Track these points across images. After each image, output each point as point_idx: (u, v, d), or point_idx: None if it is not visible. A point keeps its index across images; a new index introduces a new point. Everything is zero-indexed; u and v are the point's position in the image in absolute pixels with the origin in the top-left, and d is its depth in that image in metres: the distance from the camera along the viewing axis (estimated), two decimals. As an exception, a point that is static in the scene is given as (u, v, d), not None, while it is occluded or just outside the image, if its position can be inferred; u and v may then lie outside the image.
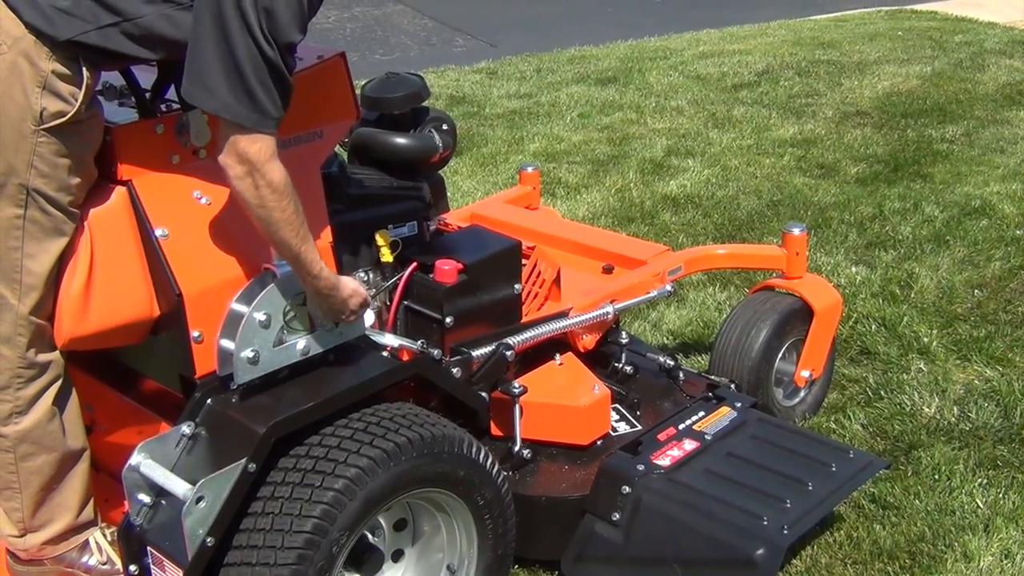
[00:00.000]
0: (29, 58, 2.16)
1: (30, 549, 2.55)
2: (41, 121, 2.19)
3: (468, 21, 10.92)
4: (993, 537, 3.08)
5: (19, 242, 2.27)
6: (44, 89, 2.18)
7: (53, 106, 2.19)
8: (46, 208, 2.26)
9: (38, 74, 2.17)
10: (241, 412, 2.37)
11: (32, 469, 2.46)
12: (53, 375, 2.43)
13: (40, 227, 2.27)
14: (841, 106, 7.27)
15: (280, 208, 2.24)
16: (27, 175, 2.22)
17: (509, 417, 2.92)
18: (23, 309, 2.32)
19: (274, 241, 2.31)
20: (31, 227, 2.27)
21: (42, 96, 2.18)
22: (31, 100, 2.17)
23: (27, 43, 2.16)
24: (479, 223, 3.44)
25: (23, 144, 2.20)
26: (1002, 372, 3.94)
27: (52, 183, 2.25)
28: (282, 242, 2.29)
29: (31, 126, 2.19)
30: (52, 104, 2.19)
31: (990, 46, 8.72)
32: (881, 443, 3.56)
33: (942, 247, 5.00)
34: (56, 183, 2.25)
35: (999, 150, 6.35)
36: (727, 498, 2.81)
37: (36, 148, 2.21)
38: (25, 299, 2.31)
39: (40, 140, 2.21)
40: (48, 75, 2.18)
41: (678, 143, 6.63)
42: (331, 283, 2.40)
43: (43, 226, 2.28)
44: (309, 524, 2.25)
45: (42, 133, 2.20)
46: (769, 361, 3.48)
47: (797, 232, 3.60)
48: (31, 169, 2.22)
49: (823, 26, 9.84)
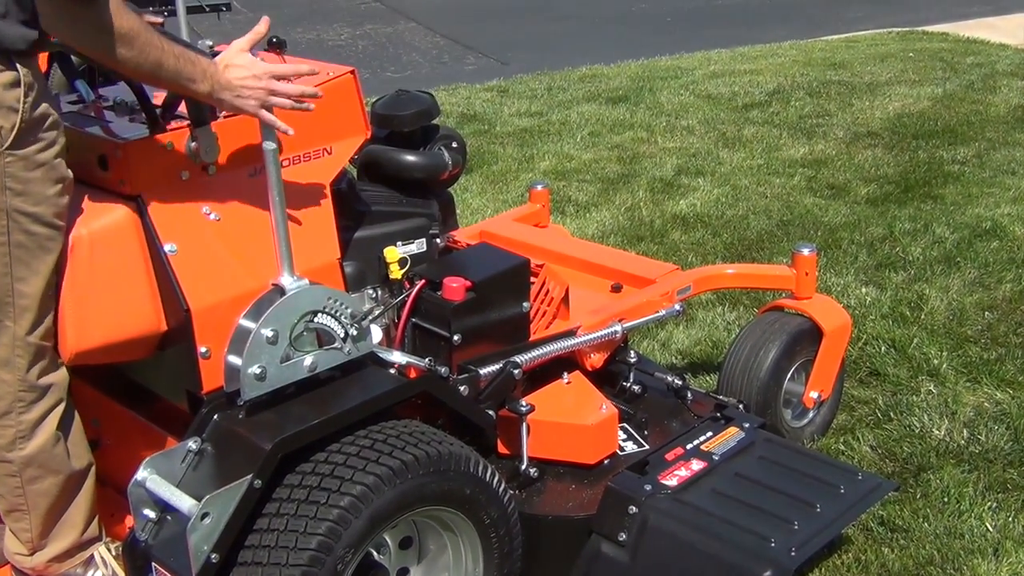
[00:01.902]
0: None
1: (37, 567, 2.54)
2: (2, 141, 2.16)
3: (480, 39, 10.96)
4: (1003, 561, 3.06)
5: (7, 268, 2.26)
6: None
7: (7, 121, 2.16)
8: (29, 228, 2.24)
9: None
10: (248, 428, 2.37)
11: (39, 492, 2.46)
12: (55, 398, 2.42)
13: (26, 249, 2.26)
14: (852, 127, 7.27)
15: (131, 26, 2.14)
16: (3, 198, 2.20)
17: (516, 435, 2.91)
18: (19, 331, 2.31)
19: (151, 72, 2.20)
20: (17, 251, 2.25)
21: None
22: None
23: None
24: (488, 241, 3.44)
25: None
26: (1012, 395, 3.92)
27: (29, 199, 2.23)
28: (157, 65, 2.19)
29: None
30: (5, 119, 2.16)
31: (1002, 68, 8.72)
32: (890, 465, 3.54)
33: (952, 269, 4.99)
34: (33, 198, 2.23)
35: (1010, 172, 6.34)
36: (734, 519, 2.79)
37: (5, 168, 2.18)
38: (20, 321, 2.30)
39: (7, 160, 2.18)
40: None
41: (688, 162, 6.63)
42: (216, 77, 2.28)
43: (28, 248, 2.26)
44: (314, 541, 2.24)
45: (7, 152, 2.17)
46: (778, 382, 3.47)
47: (807, 252, 3.59)
48: (5, 191, 2.20)
49: (834, 47, 9.85)
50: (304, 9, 13.10)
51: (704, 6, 12.42)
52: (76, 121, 2.56)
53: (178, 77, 2.25)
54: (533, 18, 12.16)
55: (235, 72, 2.33)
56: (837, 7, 12.11)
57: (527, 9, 12.66)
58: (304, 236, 2.58)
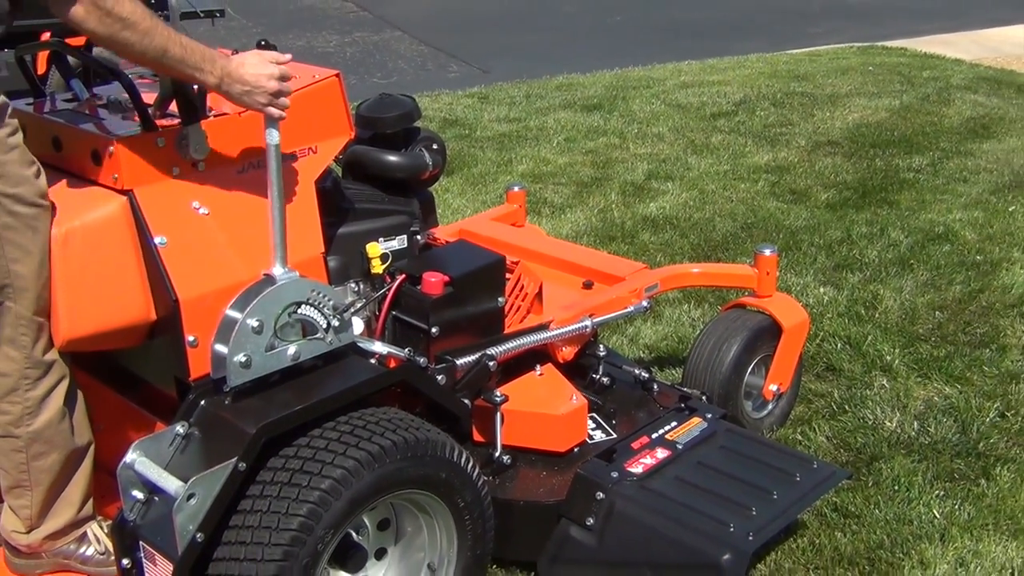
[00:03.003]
0: None
1: (33, 543, 2.53)
2: None
3: (462, 48, 10.95)
4: (949, 546, 3.08)
5: (1, 250, 2.25)
6: None
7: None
8: (13, 209, 2.24)
9: None
10: (233, 413, 2.36)
11: (43, 468, 2.45)
12: (59, 374, 2.41)
13: (15, 231, 2.25)
14: (813, 136, 7.30)
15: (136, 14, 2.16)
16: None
17: (491, 424, 2.91)
18: (21, 310, 2.30)
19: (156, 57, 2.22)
20: (7, 233, 2.25)
21: None
22: None
23: None
24: (467, 238, 3.43)
25: None
26: (960, 390, 3.95)
27: (8, 181, 2.23)
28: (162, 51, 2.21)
29: None
30: None
31: (956, 82, 8.77)
32: (844, 455, 3.56)
33: (906, 270, 5.02)
34: (11, 179, 2.23)
35: (962, 180, 6.38)
36: (696, 505, 2.80)
37: None
38: (21, 300, 2.30)
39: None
40: None
41: (658, 167, 6.65)
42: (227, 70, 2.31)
43: (17, 229, 2.25)
44: (296, 522, 2.24)
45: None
46: (739, 375, 3.48)
47: (768, 253, 3.61)
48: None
49: (798, 60, 9.89)
50: (295, 17, 13.05)
51: (675, 20, 12.44)
52: (71, 118, 2.56)
53: (183, 65, 2.26)
54: (513, 29, 12.16)
55: (250, 68, 2.34)
56: (801, 23, 12.16)
57: (508, 20, 12.65)
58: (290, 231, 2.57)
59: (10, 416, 2.38)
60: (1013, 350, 4.25)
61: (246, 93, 2.34)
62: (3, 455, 2.44)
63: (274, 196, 2.38)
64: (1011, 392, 3.93)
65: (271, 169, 2.37)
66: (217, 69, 2.31)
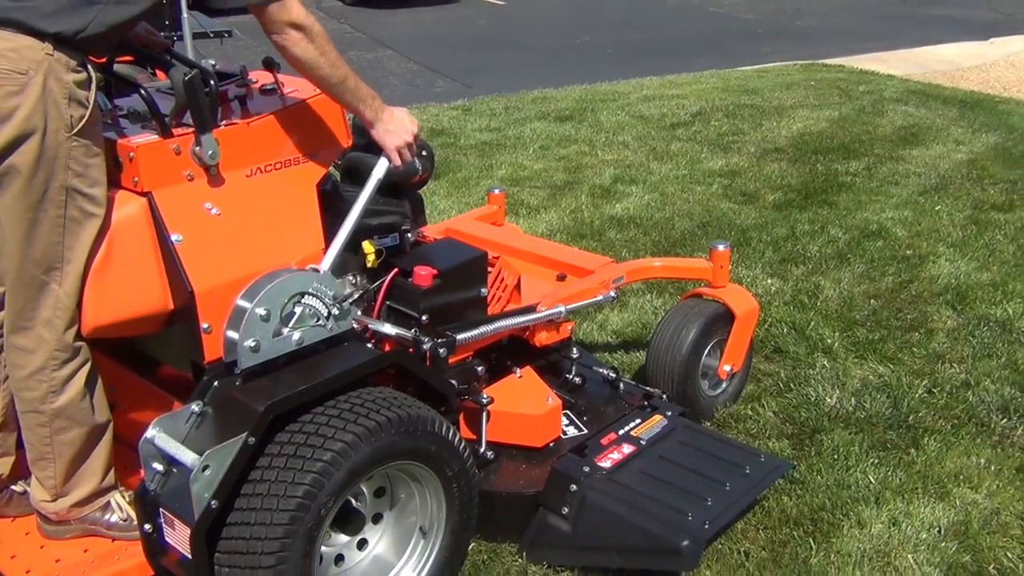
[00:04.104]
0: (56, 75, 2.15)
1: (60, 511, 2.52)
2: (71, 128, 2.18)
3: (447, 66, 10.91)
4: (883, 508, 3.11)
5: (60, 237, 2.25)
6: (70, 100, 2.17)
7: (77, 112, 2.19)
8: (82, 205, 2.25)
9: (64, 87, 2.16)
10: (243, 393, 2.36)
11: (65, 441, 2.43)
12: (84, 358, 2.40)
13: (77, 223, 2.26)
14: (762, 143, 7.32)
15: (331, 48, 2.42)
16: (65, 177, 2.21)
17: (476, 423, 2.93)
18: (62, 295, 2.29)
19: (337, 83, 2.48)
20: (70, 224, 2.25)
21: (69, 106, 2.17)
22: (63, 112, 2.16)
23: (49, 63, 2.14)
24: (452, 236, 3.43)
25: (61, 151, 2.19)
26: (893, 369, 3.99)
27: (86, 180, 2.24)
28: (343, 79, 2.48)
29: (65, 134, 2.18)
30: (76, 111, 2.19)
31: (889, 95, 8.82)
32: (790, 427, 3.59)
33: (844, 263, 5.05)
34: (89, 180, 2.25)
35: (894, 183, 6.42)
36: (658, 496, 2.82)
37: (71, 152, 2.20)
38: (64, 285, 2.29)
39: (73, 145, 2.20)
40: (71, 86, 2.17)
41: (623, 172, 6.65)
42: (385, 112, 2.61)
43: (79, 221, 2.26)
44: (300, 490, 2.24)
45: (73, 139, 2.19)
46: (697, 357, 3.50)
47: (722, 248, 3.62)
48: (67, 171, 2.21)
49: (748, 76, 9.92)
50: (296, 37, 12.97)
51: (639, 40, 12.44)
52: (95, 128, 2.53)
53: (355, 96, 2.54)
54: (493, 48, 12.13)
55: (399, 120, 2.67)
56: (751, 42, 12.18)
57: (488, 41, 12.62)
58: (294, 229, 2.57)
59: (36, 393, 2.37)
60: (939, 334, 4.28)
61: (390, 134, 2.63)
62: (29, 429, 2.43)
63: (357, 209, 2.62)
64: (937, 371, 3.96)
65: (367, 189, 2.66)
66: (377, 106, 2.61)
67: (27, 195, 2.19)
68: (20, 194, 2.19)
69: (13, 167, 2.16)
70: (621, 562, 2.78)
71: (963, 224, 5.61)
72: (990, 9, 14.39)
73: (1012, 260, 5.07)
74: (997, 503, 3.14)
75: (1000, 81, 9.69)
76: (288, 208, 2.57)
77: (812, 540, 2.96)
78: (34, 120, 2.14)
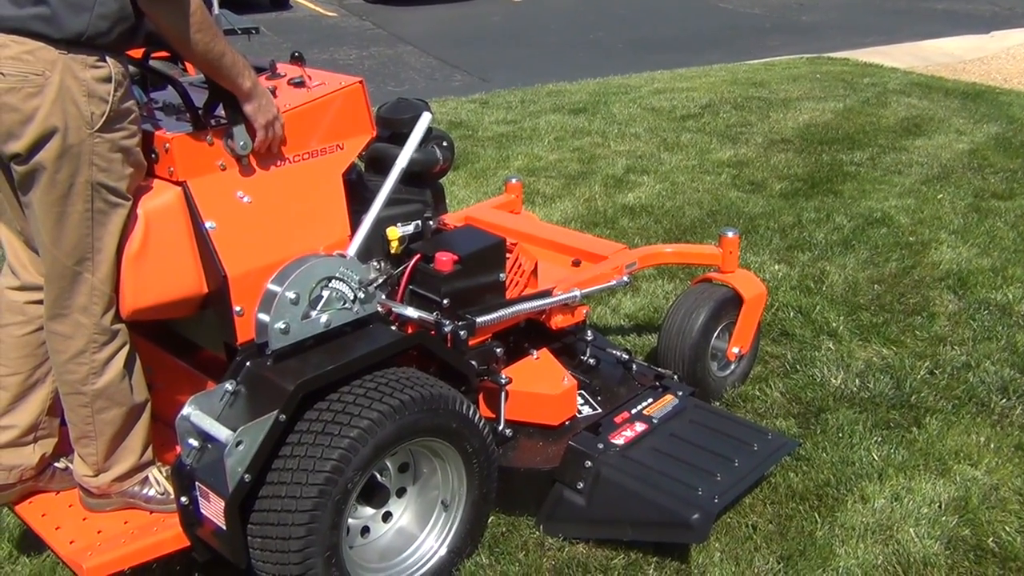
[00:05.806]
0: (72, 73, 2.14)
1: (101, 486, 2.55)
2: (92, 124, 2.18)
3: (465, 61, 10.90)
4: (885, 484, 3.11)
5: (89, 230, 2.26)
6: (89, 97, 2.16)
7: (98, 109, 2.18)
8: (108, 198, 2.26)
9: (81, 85, 2.15)
10: (274, 373, 2.38)
11: (106, 420, 2.46)
12: (122, 341, 2.42)
13: (104, 215, 2.27)
14: (769, 134, 7.29)
15: (209, 22, 2.23)
16: (90, 172, 2.21)
17: (496, 402, 2.94)
18: (96, 282, 2.31)
19: (214, 58, 2.27)
20: (98, 216, 2.26)
21: (89, 103, 2.16)
22: (82, 109, 2.16)
23: (64, 62, 2.13)
24: (472, 223, 3.44)
25: (84, 147, 2.19)
26: (896, 351, 3.98)
27: (111, 175, 2.24)
28: (220, 55, 2.27)
29: (87, 131, 2.17)
30: (97, 107, 2.18)
31: (892, 87, 8.75)
32: (796, 407, 3.59)
33: (849, 250, 5.03)
34: (114, 174, 2.25)
35: (897, 172, 6.38)
36: (669, 472, 2.83)
37: (94, 148, 2.20)
38: (98, 273, 2.31)
39: (96, 141, 2.19)
40: (89, 82, 2.16)
41: (635, 163, 6.64)
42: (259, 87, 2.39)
43: (106, 213, 2.27)
44: (328, 465, 2.26)
45: (96, 134, 2.19)
46: (706, 339, 3.50)
47: (731, 235, 3.62)
48: (92, 167, 2.21)
49: (755, 69, 9.86)
50: (319, 34, 12.97)
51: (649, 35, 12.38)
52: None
53: (232, 70, 2.32)
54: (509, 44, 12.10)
55: (269, 98, 2.44)
56: (758, 37, 12.10)
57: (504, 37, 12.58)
58: (321, 217, 2.58)
59: (77, 375, 2.39)
60: (941, 317, 4.27)
61: (263, 109, 2.40)
62: (71, 409, 2.45)
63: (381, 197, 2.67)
64: (939, 353, 3.95)
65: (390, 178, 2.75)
66: (254, 81, 2.38)
67: (53, 190, 2.20)
68: (47, 190, 2.19)
69: (40, 164, 2.17)
70: (634, 535, 2.79)
71: (964, 212, 5.57)
72: (990, 3, 14.24)
73: (1012, 246, 5.04)
74: (996, 479, 3.14)
75: (1001, 73, 9.60)
76: (316, 196, 2.58)
77: (817, 514, 2.97)
78: (53, 119, 2.13)
